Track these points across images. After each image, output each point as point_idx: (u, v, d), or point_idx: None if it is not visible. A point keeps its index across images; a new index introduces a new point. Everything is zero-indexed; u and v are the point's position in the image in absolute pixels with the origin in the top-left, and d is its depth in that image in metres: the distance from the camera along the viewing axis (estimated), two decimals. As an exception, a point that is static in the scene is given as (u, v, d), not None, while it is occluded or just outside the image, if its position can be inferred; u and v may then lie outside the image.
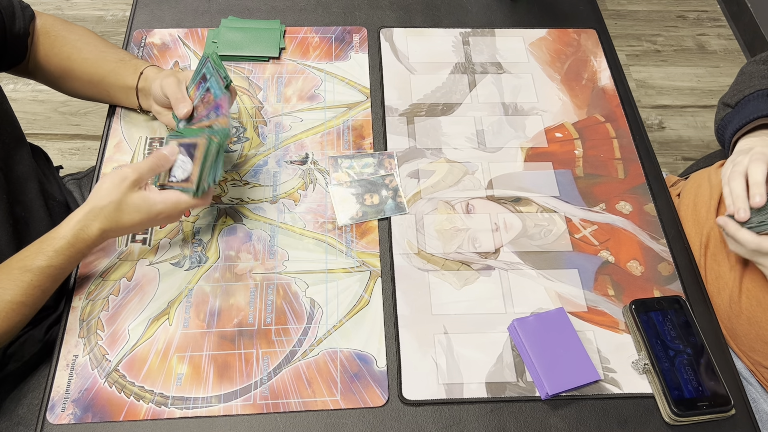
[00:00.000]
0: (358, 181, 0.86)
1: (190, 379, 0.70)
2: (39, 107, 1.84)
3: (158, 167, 0.71)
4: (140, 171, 0.69)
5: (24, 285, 0.66)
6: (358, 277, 0.78)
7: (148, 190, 0.71)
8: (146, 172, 0.70)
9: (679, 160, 1.82)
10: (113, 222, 0.69)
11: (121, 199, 0.68)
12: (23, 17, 0.82)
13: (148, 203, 0.70)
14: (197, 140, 0.72)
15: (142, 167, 0.70)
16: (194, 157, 0.72)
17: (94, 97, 0.89)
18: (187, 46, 0.99)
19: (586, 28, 1.07)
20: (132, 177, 0.69)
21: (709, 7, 2.23)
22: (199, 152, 0.72)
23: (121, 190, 0.68)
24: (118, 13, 2.08)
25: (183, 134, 0.75)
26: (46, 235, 0.68)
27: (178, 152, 0.73)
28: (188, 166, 0.72)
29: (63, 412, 0.67)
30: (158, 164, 0.71)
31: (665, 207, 0.87)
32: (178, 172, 0.73)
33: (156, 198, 0.70)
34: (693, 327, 0.73)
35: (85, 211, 0.68)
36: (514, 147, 0.91)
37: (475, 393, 0.71)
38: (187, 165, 0.72)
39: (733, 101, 0.85)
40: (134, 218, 0.69)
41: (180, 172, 0.73)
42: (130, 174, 0.69)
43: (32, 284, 0.66)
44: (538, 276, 0.80)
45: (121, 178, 0.68)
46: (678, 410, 0.67)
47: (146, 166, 0.70)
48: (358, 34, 1.03)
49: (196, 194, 0.72)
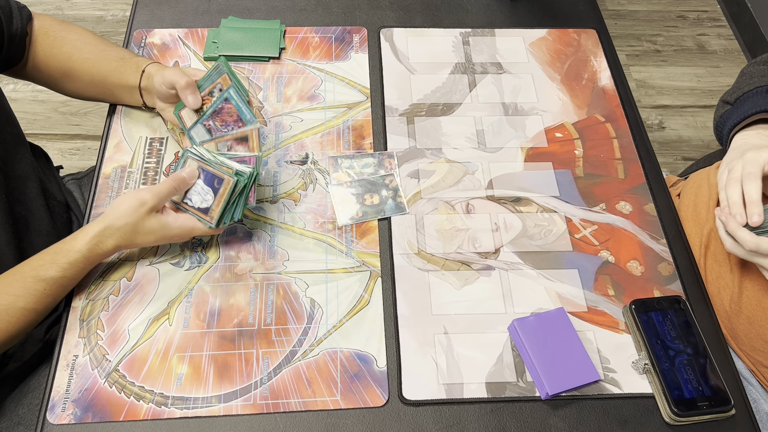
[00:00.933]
0: (358, 181, 0.86)
1: (190, 379, 0.70)
2: (39, 107, 1.84)
3: (177, 191, 0.73)
4: (159, 196, 0.71)
5: (37, 294, 0.68)
6: (358, 277, 0.78)
7: (164, 214, 0.73)
8: (165, 198, 0.72)
9: (679, 160, 1.82)
10: (128, 240, 0.72)
11: (137, 222, 0.70)
12: (20, 17, 0.82)
13: (164, 227, 0.72)
14: (223, 176, 0.72)
15: (161, 192, 0.71)
16: (218, 192, 0.72)
17: (96, 97, 0.89)
18: (187, 46, 0.99)
19: (586, 28, 1.07)
20: (151, 203, 0.70)
21: (709, 7, 2.23)
22: (224, 189, 0.72)
23: (139, 214, 0.70)
24: (118, 13, 2.08)
25: (204, 159, 0.74)
26: (60, 246, 0.70)
27: (197, 176, 0.74)
28: (209, 197, 0.73)
29: (63, 412, 0.67)
30: (177, 188, 0.73)
31: (665, 207, 0.87)
32: (196, 198, 0.74)
33: (172, 224, 0.72)
34: (693, 327, 0.73)
35: (101, 227, 0.70)
36: (514, 147, 0.91)
37: (475, 393, 0.71)
38: (207, 196, 0.73)
39: (733, 98, 0.85)
40: (148, 239, 0.72)
41: (198, 199, 0.74)
42: (149, 200, 0.70)
43: (45, 293, 0.68)
44: (538, 276, 0.80)
45: (140, 202, 0.70)
46: (678, 410, 0.67)
47: (165, 191, 0.72)
48: (358, 34, 1.03)
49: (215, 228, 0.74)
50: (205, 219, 0.73)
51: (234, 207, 0.74)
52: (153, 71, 0.83)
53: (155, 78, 0.81)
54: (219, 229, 0.75)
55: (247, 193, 0.74)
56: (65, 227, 0.91)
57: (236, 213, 0.74)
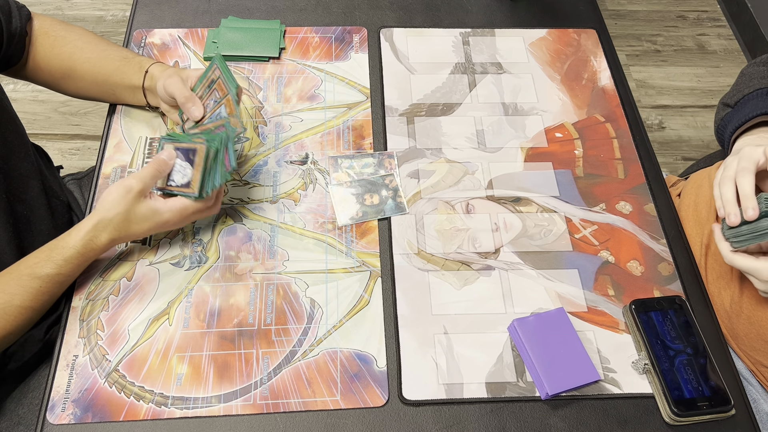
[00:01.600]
0: (358, 181, 0.86)
1: (190, 379, 0.70)
2: (39, 107, 1.84)
3: (159, 173, 0.73)
4: (144, 180, 0.71)
5: (33, 291, 0.68)
6: (358, 277, 0.78)
7: (153, 199, 0.72)
8: (150, 181, 0.71)
9: (679, 160, 1.82)
10: (122, 231, 0.71)
11: (128, 210, 0.70)
12: (20, 16, 0.82)
13: (155, 212, 0.71)
14: (195, 146, 0.73)
15: (145, 176, 0.71)
16: (194, 162, 0.73)
17: (99, 97, 0.89)
18: (187, 46, 0.99)
19: (586, 28, 1.07)
20: (137, 187, 0.70)
21: (709, 7, 2.23)
22: (199, 158, 0.72)
23: (127, 201, 0.70)
24: (118, 13, 2.08)
25: (177, 138, 0.75)
26: (55, 243, 0.70)
27: (175, 156, 0.74)
28: (188, 171, 0.73)
29: (63, 412, 0.67)
30: (159, 170, 0.73)
31: (665, 207, 0.87)
32: (177, 177, 0.74)
33: (162, 207, 0.72)
34: (693, 327, 0.73)
35: (93, 222, 0.70)
36: (514, 147, 0.91)
37: (475, 393, 0.71)
38: (186, 170, 0.73)
39: (733, 101, 0.85)
40: (142, 227, 0.72)
41: (179, 176, 0.74)
42: (135, 184, 0.70)
43: (41, 291, 0.68)
44: (538, 276, 0.80)
45: (126, 189, 0.70)
46: (678, 410, 0.67)
47: (149, 175, 0.71)
48: (358, 34, 1.03)
49: (199, 198, 0.73)
50: (188, 191, 0.73)
51: (213, 173, 0.73)
52: (156, 73, 0.83)
53: (157, 83, 0.81)
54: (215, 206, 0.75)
55: (222, 157, 0.73)
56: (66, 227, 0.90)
57: (216, 179, 0.73)
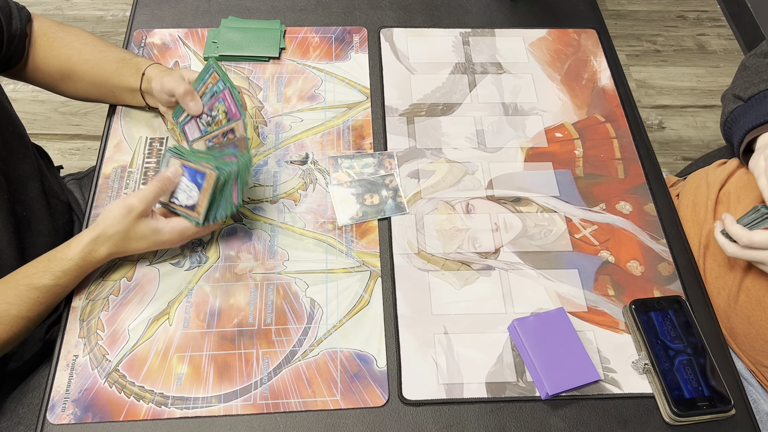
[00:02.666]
0: (358, 181, 0.86)
1: (190, 379, 0.70)
2: (39, 107, 1.84)
3: (163, 192, 0.73)
4: (146, 201, 0.71)
5: (30, 302, 0.68)
6: (358, 277, 0.78)
7: (154, 218, 0.73)
8: (152, 201, 0.72)
9: (679, 160, 1.82)
10: (121, 247, 0.72)
11: (128, 229, 0.71)
12: (20, 17, 0.82)
13: (155, 231, 0.72)
14: (205, 170, 0.72)
15: (147, 196, 0.71)
16: (201, 187, 0.72)
17: (98, 98, 0.89)
18: (187, 46, 0.99)
19: (586, 28, 1.07)
20: (139, 208, 0.70)
21: (709, 7, 2.23)
22: (207, 183, 0.72)
23: (128, 221, 0.70)
24: (118, 13, 2.08)
25: (184, 155, 0.74)
26: (53, 254, 0.70)
27: (181, 174, 0.73)
28: (194, 194, 0.73)
29: (63, 412, 0.67)
30: (163, 189, 0.73)
31: (665, 207, 0.87)
32: (182, 197, 0.74)
33: (163, 227, 0.72)
34: (693, 327, 0.73)
35: (93, 236, 0.70)
36: (514, 147, 0.91)
37: (475, 393, 0.71)
38: (192, 192, 0.73)
39: (746, 95, 0.83)
40: (141, 245, 0.73)
41: (184, 197, 0.73)
42: (137, 205, 0.70)
43: (38, 301, 0.69)
44: (538, 276, 0.80)
45: (128, 209, 0.70)
46: (678, 410, 0.68)
47: (152, 194, 0.71)
48: (358, 34, 1.03)
49: (202, 224, 0.73)
50: (193, 215, 0.73)
51: (219, 204, 0.73)
52: (152, 75, 0.83)
53: (154, 84, 0.81)
54: (208, 227, 0.75)
55: (230, 190, 0.73)
56: (67, 227, 0.91)
57: (221, 211, 0.73)
